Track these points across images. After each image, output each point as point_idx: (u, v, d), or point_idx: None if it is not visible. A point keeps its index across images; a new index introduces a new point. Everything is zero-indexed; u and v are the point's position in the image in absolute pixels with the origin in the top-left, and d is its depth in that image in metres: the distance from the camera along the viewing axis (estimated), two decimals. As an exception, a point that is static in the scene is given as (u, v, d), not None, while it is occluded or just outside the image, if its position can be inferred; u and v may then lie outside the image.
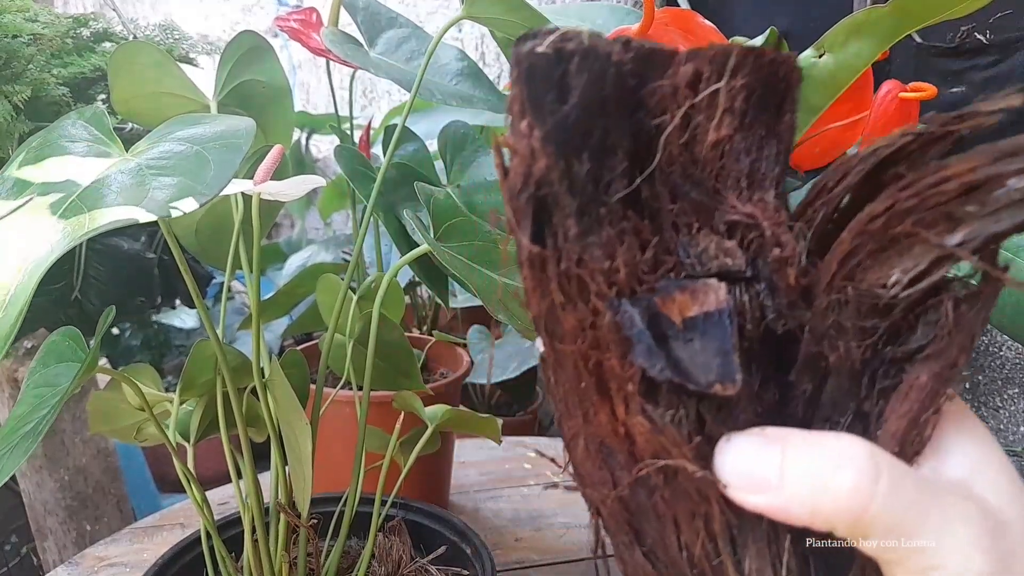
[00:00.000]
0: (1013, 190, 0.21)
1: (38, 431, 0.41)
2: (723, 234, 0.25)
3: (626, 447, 0.25)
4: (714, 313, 0.23)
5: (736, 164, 0.25)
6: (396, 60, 0.55)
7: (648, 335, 0.23)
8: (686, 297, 0.23)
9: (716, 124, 0.24)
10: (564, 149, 0.23)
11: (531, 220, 0.23)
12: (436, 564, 0.61)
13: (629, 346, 0.23)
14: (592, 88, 0.22)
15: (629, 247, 0.24)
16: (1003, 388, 1.16)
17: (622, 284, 0.24)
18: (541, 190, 0.23)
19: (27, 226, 0.33)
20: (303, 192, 0.47)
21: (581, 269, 0.23)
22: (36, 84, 0.79)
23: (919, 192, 0.23)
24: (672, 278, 0.24)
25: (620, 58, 0.23)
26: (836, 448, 0.22)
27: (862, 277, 0.24)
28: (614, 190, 0.24)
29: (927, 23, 0.52)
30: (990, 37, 1.03)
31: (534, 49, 0.22)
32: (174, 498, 1.47)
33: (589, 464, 0.27)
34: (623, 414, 0.24)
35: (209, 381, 0.55)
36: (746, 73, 0.24)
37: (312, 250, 1.58)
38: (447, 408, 0.63)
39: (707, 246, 0.25)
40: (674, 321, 0.23)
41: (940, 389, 0.24)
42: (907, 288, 0.23)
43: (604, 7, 0.59)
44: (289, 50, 2.57)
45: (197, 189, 0.34)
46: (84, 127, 0.42)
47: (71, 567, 0.74)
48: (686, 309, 0.23)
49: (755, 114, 0.25)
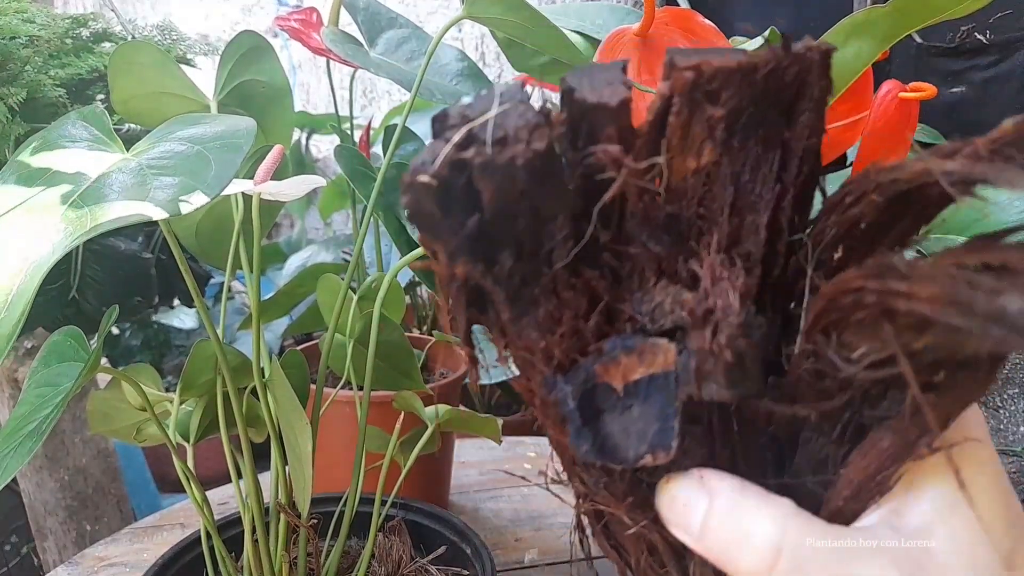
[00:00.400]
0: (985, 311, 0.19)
1: (41, 431, 0.41)
2: (685, 282, 0.24)
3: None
4: (660, 376, 0.23)
5: (723, 189, 0.23)
6: (396, 60, 0.55)
7: (578, 415, 0.23)
8: (632, 359, 0.23)
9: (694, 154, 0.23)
10: (480, 254, 0.22)
11: (464, 308, 0.23)
12: (436, 564, 0.61)
13: (565, 424, 0.23)
14: (505, 186, 0.21)
15: (571, 318, 0.23)
16: (1003, 388, 1.16)
17: (560, 359, 0.24)
18: (469, 283, 0.23)
19: (28, 226, 0.33)
20: (303, 192, 0.47)
21: (518, 350, 0.24)
22: (32, 86, 0.79)
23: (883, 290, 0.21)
24: (622, 335, 0.24)
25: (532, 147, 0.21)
26: (753, 518, 0.23)
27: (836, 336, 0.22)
28: (557, 257, 0.23)
29: (927, 23, 0.52)
30: (990, 37, 1.03)
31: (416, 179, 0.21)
32: (174, 498, 1.47)
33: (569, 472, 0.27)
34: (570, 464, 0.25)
35: (209, 381, 0.55)
36: (729, 96, 0.22)
37: (312, 250, 1.58)
38: (447, 408, 0.62)
39: (662, 301, 0.23)
40: (614, 388, 0.23)
41: (902, 454, 0.23)
42: (867, 369, 0.22)
43: (604, 7, 0.59)
44: (289, 50, 2.57)
45: (198, 189, 0.34)
46: (84, 127, 0.42)
47: (71, 567, 0.74)
48: (631, 372, 0.23)
49: (747, 133, 0.23)
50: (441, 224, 0.21)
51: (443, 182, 0.21)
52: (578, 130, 0.23)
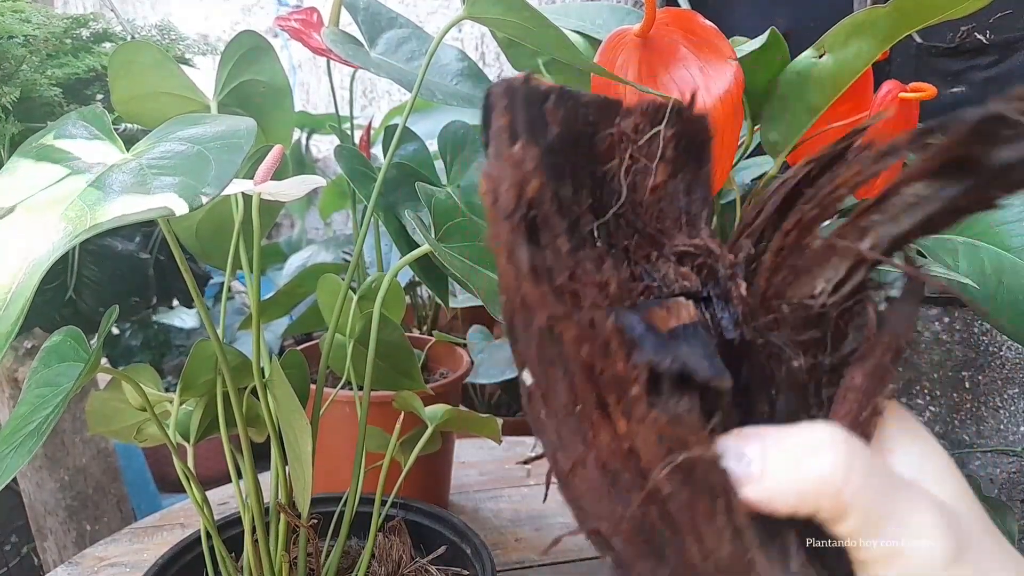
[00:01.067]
0: (907, 195, 0.24)
1: (41, 431, 0.41)
2: (675, 262, 0.27)
3: (632, 464, 0.25)
4: (690, 326, 0.25)
5: (672, 206, 0.28)
6: (396, 60, 0.55)
7: (651, 334, 0.24)
8: (664, 312, 0.25)
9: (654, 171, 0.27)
10: (552, 172, 0.24)
11: (526, 240, 0.24)
12: (436, 564, 0.61)
13: (634, 346, 0.23)
14: (567, 123, 0.25)
15: (614, 263, 0.25)
16: (1003, 388, 1.16)
17: (613, 296, 0.25)
18: (531, 211, 0.24)
19: (28, 225, 0.33)
20: (303, 192, 0.47)
21: (575, 283, 0.24)
22: (26, 85, 0.78)
23: (820, 202, 0.26)
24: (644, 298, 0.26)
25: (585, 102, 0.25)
26: (811, 434, 0.23)
27: (791, 293, 0.26)
28: (586, 215, 0.26)
29: (927, 23, 0.52)
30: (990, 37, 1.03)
31: (518, 82, 0.24)
32: (174, 498, 1.46)
33: (593, 495, 0.26)
34: (625, 427, 0.24)
35: (209, 381, 0.55)
36: (673, 125, 0.27)
37: (312, 250, 1.58)
38: (447, 408, 0.62)
39: (667, 271, 0.27)
40: (661, 331, 0.24)
41: (875, 388, 0.25)
42: (832, 295, 0.25)
43: (604, 7, 0.59)
44: (289, 50, 2.57)
45: (198, 189, 0.34)
46: (84, 126, 0.42)
47: (71, 567, 0.74)
48: (666, 322, 0.25)
49: (682, 163, 0.28)
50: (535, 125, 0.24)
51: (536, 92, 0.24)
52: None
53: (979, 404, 1.18)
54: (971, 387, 1.19)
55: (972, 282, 0.53)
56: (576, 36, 0.59)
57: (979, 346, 1.18)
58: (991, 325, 0.43)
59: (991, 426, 1.18)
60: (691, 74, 0.50)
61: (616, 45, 0.51)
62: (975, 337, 1.18)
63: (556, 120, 0.24)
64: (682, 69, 0.51)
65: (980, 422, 1.19)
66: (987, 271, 0.54)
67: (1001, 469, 1.18)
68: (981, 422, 1.19)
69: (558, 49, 0.48)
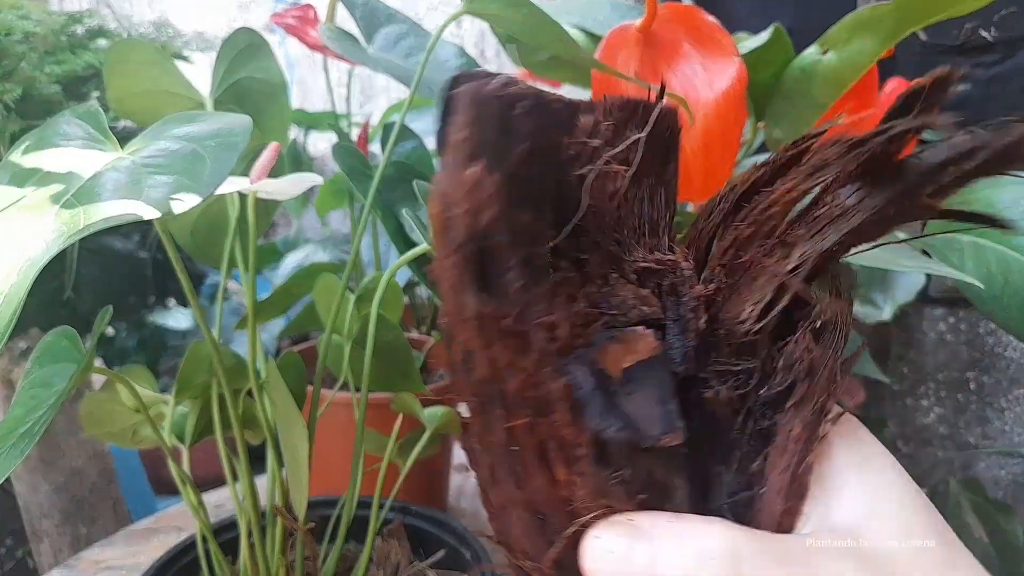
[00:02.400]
0: (832, 207, 0.22)
1: (34, 432, 0.41)
2: (635, 283, 0.25)
3: (563, 508, 0.24)
4: (647, 361, 0.23)
5: (632, 213, 0.25)
6: (394, 56, 0.54)
7: (599, 395, 0.23)
8: (619, 347, 0.23)
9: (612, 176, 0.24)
10: (512, 197, 0.21)
11: (474, 275, 0.22)
12: (435, 568, 0.60)
13: (579, 410, 0.22)
14: (535, 136, 0.22)
15: (565, 299, 0.23)
16: (1008, 389, 1.15)
17: (563, 339, 0.23)
18: (485, 241, 0.21)
19: (21, 225, 0.33)
20: (300, 190, 0.47)
21: (524, 325, 0.22)
22: (27, 82, 0.78)
23: (754, 219, 0.24)
24: (601, 329, 0.24)
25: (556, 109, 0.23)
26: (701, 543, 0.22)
27: (724, 315, 0.24)
28: (544, 238, 0.23)
29: (931, 20, 0.51)
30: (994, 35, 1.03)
31: (486, 90, 0.21)
32: (170, 500, 1.46)
33: (520, 534, 0.26)
34: (564, 475, 0.23)
35: (205, 383, 0.54)
36: (636, 124, 0.25)
37: (309, 249, 1.57)
38: (446, 410, 0.62)
39: (625, 296, 0.24)
40: (613, 375, 0.23)
41: (813, 434, 0.24)
42: (759, 321, 0.24)
43: (606, 2, 0.58)
44: (286, 47, 2.57)
45: (193, 187, 0.33)
46: (79, 124, 0.41)
47: (66, 570, 0.74)
48: (621, 360, 0.23)
49: (645, 164, 0.25)
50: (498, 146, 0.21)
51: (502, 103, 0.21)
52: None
53: (984, 405, 1.18)
54: (976, 388, 1.19)
55: (978, 282, 0.53)
56: (577, 32, 0.58)
57: (984, 347, 1.17)
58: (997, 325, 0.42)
59: (996, 427, 1.17)
60: (693, 70, 0.50)
61: (617, 41, 0.50)
62: (980, 338, 1.18)
63: (523, 134, 0.21)
64: (684, 65, 0.50)
65: (985, 423, 1.18)
66: (993, 270, 0.53)
67: (1007, 471, 1.17)
68: (986, 423, 1.18)
69: (558, 45, 0.47)
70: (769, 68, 0.55)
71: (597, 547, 0.23)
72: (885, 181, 0.22)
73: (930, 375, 1.23)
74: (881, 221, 0.22)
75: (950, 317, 1.21)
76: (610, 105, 0.24)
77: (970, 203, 0.41)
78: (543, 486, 0.24)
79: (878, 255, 0.45)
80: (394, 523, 0.62)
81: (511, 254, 0.22)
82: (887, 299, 1.02)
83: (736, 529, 0.22)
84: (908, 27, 0.51)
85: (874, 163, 0.22)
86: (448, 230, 0.21)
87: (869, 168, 0.22)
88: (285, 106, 0.59)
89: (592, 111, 0.24)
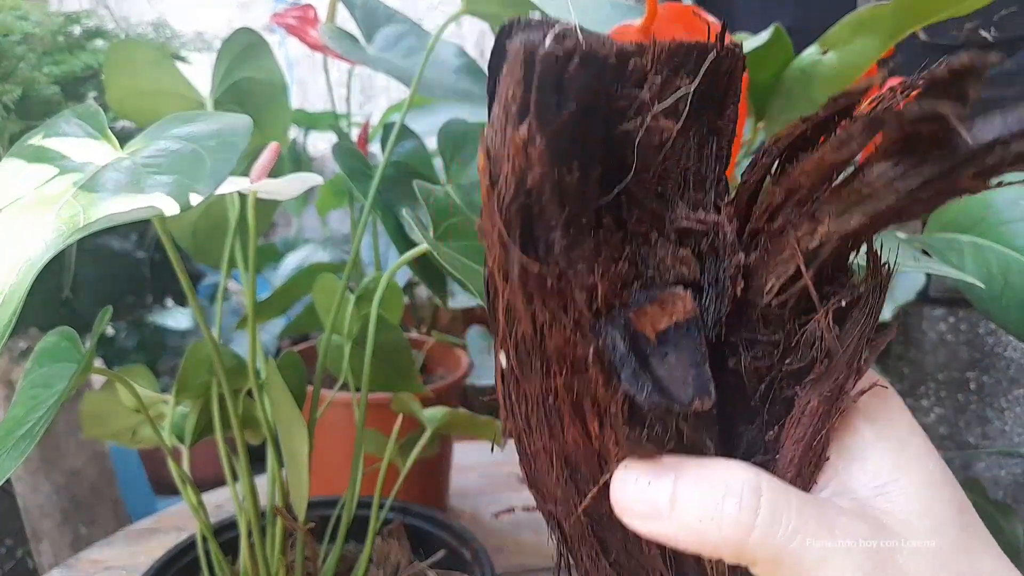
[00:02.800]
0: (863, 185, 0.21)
1: (35, 433, 0.41)
2: (675, 243, 0.25)
3: (596, 461, 0.25)
4: (683, 324, 0.23)
5: (676, 166, 0.25)
6: (394, 56, 0.54)
7: (632, 359, 0.23)
8: (656, 309, 0.23)
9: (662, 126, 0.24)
10: (560, 157, 0.21)
11: (520, 232, 0.22)
12: (435, 568, 0.60)
13: (613, 371, 0.23)
14: (588, 92, 0.21)
15: (606, 259, 0.23)
16: (1009, 389, 1.15)
17: (601, 301, 0.23)
18: (530, 199, 0.21)
19: (21, 224, 0.33)
20: (300, 190, 0.47)
21: (563, 284, 0.22)
22: (27, 83, 0.78)
23: (787, 186, 0.23)
24: (639, 289, 0.24)
25: (610, 58, 0.22)
26: (723, 478, 0.23)
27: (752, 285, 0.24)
28: (589, 198, 0.23)
29: (931, 20, 0.51)
30: (994, 35, 1.03)
31: (539, 47, 0.20)
32: (170, 500, 1.46)
33: (551, 480, 0.26)
34: (597, 430, 0.24)
35: (205, 383, 0.54)
36: (688, 70, 0.24)
37: (309, 249, 1.57)
38: (446, 410, 0.62)
39: (664, 256, 0.24)
40: (649, 337, 0.23)
41: (832, 409, 0.24)
42: (778, 295, 0.23)
43: (606, 2, 0.58)
44: (286, 47, 2.56)
45: (193, 188, 0.33)
46: (79, 124, 0.41)
47: (66, 570, 0.74)
48: (657, 322, 0.23)
49: (696, 112, 0.24)
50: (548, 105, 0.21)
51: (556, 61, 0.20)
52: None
53: (984, 405, 1.18)
54: (976, 388, 1.19)
55: (978, 281, 0.52)
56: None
57: (984, 347, 1.17)
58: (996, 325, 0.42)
59: (996, 427, 1.17)
60: (694, 71, 0.50)
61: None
62: (980, 338, 1.18)
63: (574, 88, 0.21)
64: (684, 66, 0.50)
65: (985, 424, 1.18)
66: (993, 271, 0.53)
67: (1007, 471, 1.17)
68: (986, 424, 1.18)
69: (559, 45, 0.47)
70: (769, 68, 0.55)
71: (625, 477, 0.24)
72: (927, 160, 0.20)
73: (930, 375, 1.23)
74: (915, 203, 0.21)
75: (950, 317, 1.20)
76: (661, 51, 0.23)
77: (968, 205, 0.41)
78: (577, 438, 0.25)
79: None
80: (394, 523, 0.62)
81: (556, 214, 0.22)
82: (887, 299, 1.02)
83: (758, 470, 0.23)
84: (908, 27, 0.51)
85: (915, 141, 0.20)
86: (494, 187, 0.22)
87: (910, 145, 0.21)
88: (285, 106, 0.59)
89: (643, 55, 0.23)
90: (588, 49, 0.21)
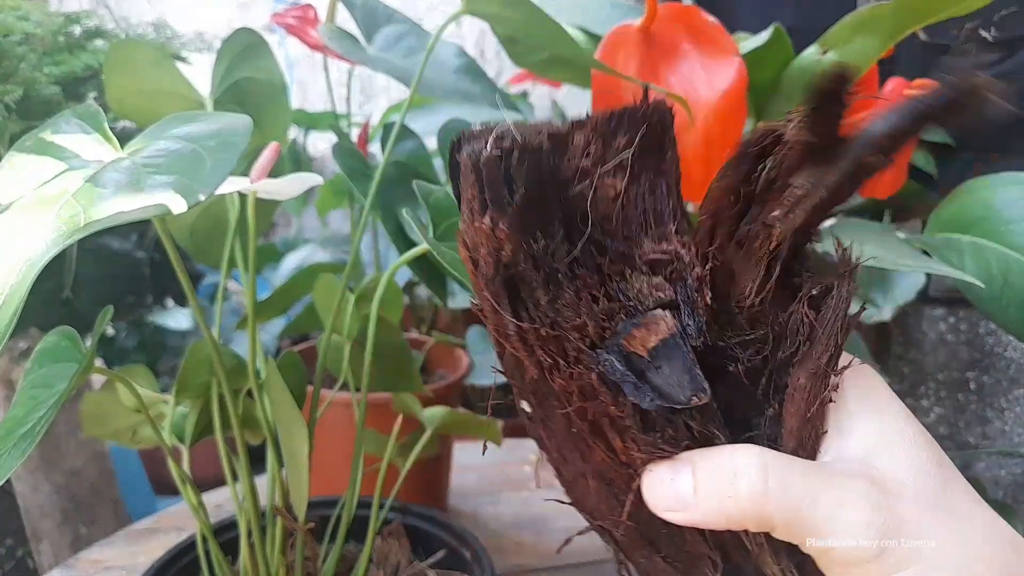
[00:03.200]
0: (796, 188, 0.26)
1: (35, 433, 0.41)
2: (647, 273, 0.28)
3: (624, 472, 0.28)
4: (668, 339, 0.27)
5: (635, 210, 0.29)
6: (394, 56, 0.54)
7: (630, 375, 0.26)
8: (643, 331, 0.27)
9: (612, 182, 0.28)
10: (523, 232, 0.26)
11: (508, 299, 0.26)
12: (435, 568, 0.60)
13: (618, 390, 0.26)
14: (532, 176, 0.26)
15: (587, 301, 0.27)
16: (1008, 389, 1.15)
17: (593, 335, 0.27)
18: (509, 271, 0.26)
19: (21, 224, 0.33)
20: (300, 190, 0.47)
21: (557, 331, 0.27)
22: (27, 83, 0.78)
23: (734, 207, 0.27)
24: (624, 319, 0.27)
25: (543, 144, 0.26)
26: (732, 461, 0.26)
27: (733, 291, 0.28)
28: (559, 256, 0.27)
29: (931, 20, 0.51)
30: (994, 35, 1.03)
31: (482, 153, 0.25)
32: (170, 500, 1.45)
33: (593, 499, 0.30)
34: (620, 444, 0.28)
35: (205, 383, 0.54)
36: (625, 130, 0.28)
37: (309, 249, 1.57)
38: (446, 410, 0.62)
39: (640, 287, 0.28)
40: (642, 355, 0.27)
41: (819, 385, 0.28)
42: (757, 295, 0.27)
43: (606, 2, 0.58)
44: (286, 47, 2.56)
45: (193, 188, 0.33)
46: (78, 124, 0.41)
47: (66, 570, 0.74)
48: (646, 342, 0.27)
49: (641, 162, 0.28)
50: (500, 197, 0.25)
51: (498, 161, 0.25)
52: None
53: (984, 405, 1.18)
54: (976, 388, 1.18)
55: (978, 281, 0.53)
56: (577, 32, 0.58)
57: (984, 347, 1.17)
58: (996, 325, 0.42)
59: (996, 427, 1.17)
60: (693, 70, 0.50)
61: (618, 41, 0.50)
62: (980, 338, 1.17)
63: (521, 178, 0.25)
64: (684, 65, 0.50)
65: (985, 424, 1.18)
66: (993, 271, 0.53)
67: (1007, 471, 1.17)
68: (986, 424, 1.18)
69: (558, 45, 0.47)
70: (769, 68, 0.55)
71: (652, 479, 0.27)
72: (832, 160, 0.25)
73: (930, 375, 1.23)
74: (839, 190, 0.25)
75: (950, 317, 1.20)
76: (596, 121, 0.27)
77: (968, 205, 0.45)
78: (604, 456, 0.28)
79: (879, 255, 0.45)
80: (394, 523, 0.62)
81: (534, 276, 0.26)
82: (887, 299, 1.02)
83: (763, 448, 0.27)
84: (908, 27, 0.51)
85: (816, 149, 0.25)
86: (477, 268, 0.26)
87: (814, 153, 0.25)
88: (285, 106, 0.59)
89: (583, 128, 0.27)
90: (524, 143, 0.25)
